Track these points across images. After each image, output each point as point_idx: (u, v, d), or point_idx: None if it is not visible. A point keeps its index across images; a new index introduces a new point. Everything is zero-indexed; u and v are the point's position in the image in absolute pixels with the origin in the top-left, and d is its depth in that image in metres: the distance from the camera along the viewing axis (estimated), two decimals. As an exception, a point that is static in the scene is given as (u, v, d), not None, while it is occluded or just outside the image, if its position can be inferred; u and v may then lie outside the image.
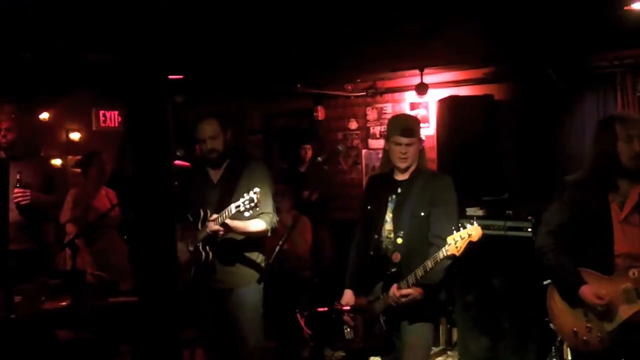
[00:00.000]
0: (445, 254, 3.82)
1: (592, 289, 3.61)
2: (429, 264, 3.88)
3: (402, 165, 4.18)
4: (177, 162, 5.11)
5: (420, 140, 4.25)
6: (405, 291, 3.97)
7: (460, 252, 3.79)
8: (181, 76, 7.29)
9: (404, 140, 4.14)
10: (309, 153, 8.56)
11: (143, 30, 3.98)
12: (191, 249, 4.76)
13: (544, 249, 3.83)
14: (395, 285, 4.00)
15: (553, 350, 5.64)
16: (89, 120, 9.21)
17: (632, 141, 3.60)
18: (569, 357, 5.36)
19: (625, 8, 5.07)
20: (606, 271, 3.64)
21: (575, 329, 3.72)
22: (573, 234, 3.75)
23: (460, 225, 3.83)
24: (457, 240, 3.78)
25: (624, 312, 3.58)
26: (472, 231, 3.79)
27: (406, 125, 4.18)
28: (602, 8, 5.11)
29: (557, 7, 5.07)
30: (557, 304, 3.86)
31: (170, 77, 7.33)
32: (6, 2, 4.30)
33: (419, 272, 3.92)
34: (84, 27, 5.05)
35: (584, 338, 3.68)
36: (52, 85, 7.59)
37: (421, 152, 4.25)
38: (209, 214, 4.65)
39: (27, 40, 5.37)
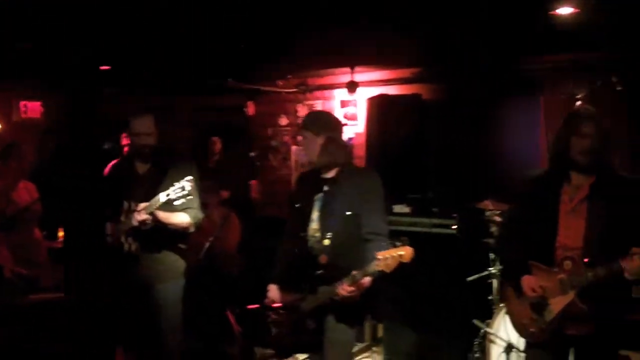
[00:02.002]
0: (374, 269, 3.81)
1: (529, 280, 3.69)
2: (358, 276, 3.88)
3: (302, 160, 4.24)
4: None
5: (319, 135, 4.19)
6: (349, 289, 3.97)
7: (390, 270, 3.79)
8: (109, 67, 7.18)
9: (299, 133, 4.22)
10: (218, 146, 8.46)
11: (71, 20, 3.92)
12: (112, 241, 4.69)
13: (500, 240, 3.96)
14: (345, 285, 4.00)
15: (475, 345, 5.76)
16: (10, 110, 8.95)
17: (585, 138, 3.65)
18: (492, 352, 5.48)
19: (550, 13, 5.21)
20: (548, 261, 3.71)
21: (523, 321, 3.79)
22: (525, 225, 3.82)
23: (390, 243, 3.86)
24: (387, 258, 3.76)
25: (557, 304, 3.64)
26: (403, 251, 3.79)
27: (303, 121, 4.32)
28: (528, 12, 5.23)
29: (484, 11, 5.18)
30: (508, 296, 3.93)
31: (100, 67, 7.23)
32: None
33: (346, 282, 3.92)
34: (7, 16, 4.93)
35: (531, 330, 3.76)
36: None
37: (330, 149, 4.21)
38: (133, 206, 4.60)
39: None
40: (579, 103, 5.83)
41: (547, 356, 3.78)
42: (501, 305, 5.35)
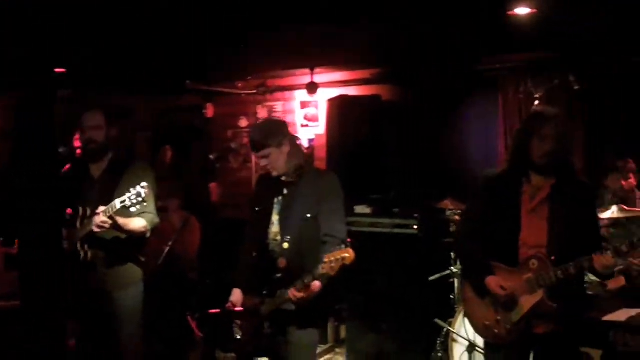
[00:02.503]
0: (320, 272, 3.79)
1: (496, 280, 3.70)
2: (307, 279, 3.86)
3: (273, 174, 4.17)
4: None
5: (282, 144, 4.12)
6: (299, 294, 3.96)
7: (335, 273, 3.77)
8: (64, 69, 7.07)
9: (257, 154, 4.13)
10: (169, 155, 8.39)
11: (24, 21, 3.84)
12: (69, 247, 4.60)
13: (458, 239, 3.95)
14: (294, 290, 3.97)
15: (438, 344, 5.78)
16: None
17: (545, 140, 3.68)
18: (454, 351, 5.50)
19: (509, 13, 5.25)
20: (512, 261, 3.73)
21: (486, 322, 3.79)
22: (486, 225, 3.83)
23: (338, 246, 3.84)
24: (332, 261, 3.75)
25: (526, 302, 3.66)
26: (346, 254, 3.76)
27: (255, 140, 4.15)
28: (487, 13, 5.27)
29: (443, 12, 5.20)
30: (469, 297, 3.92)
31: (55, 70, 7.11)
32: None
33: (299, 284, 3.90)
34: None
35: (495, 330, 3.75)
36: None
37: (295, 152, 4.19)
38: (88, 212, 4.51)
39: None
40: (537, 103, 5.89)
41: (510, 357, 3.80)
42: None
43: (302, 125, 8.27)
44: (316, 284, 3.91)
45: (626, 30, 5.61)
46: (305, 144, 8.22)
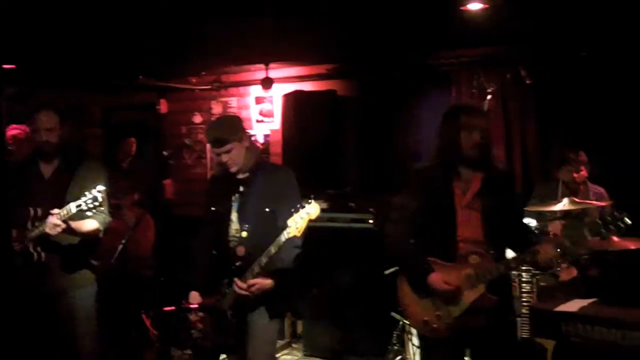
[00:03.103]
0: (287, 237, 3.85)
1: (440, 276, 3.72)
2: (272, 249, 3.91)
3: (232, 170, 4.17)
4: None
5: (242, 140, 4.19)
6: (252, 281, 3.99)
7: (301, 233, 3.84)
8: (13, 66, 6.93)
9: (218, 150, 4.14)
10: (133, 147, 8.30)
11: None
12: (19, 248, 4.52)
13: (392, 238, 3.92)
14: (237, 280, 4.01)
15: (394, 337, 5.81)
16: None
17: (474, 132, 3.74)
18: (410, 344, 5.53)
19: (462, 8, 5.30)
20: (449, 256, 3.77)
21: (425, 318, 3.82)
22: (420, 222, 3.85)
23: (299, 205, 3.87)
24: (297, 221, 3.81)
25: (468, 297, 3.71)
26: (311, 209, 3.83)
27: (215, 136, 4.18)
28: (440, 8, 5.31)
29: (396, 7, 5.22)
30: (406, 294, 3.94)
31: (3, 66, 6.96)
32: None
33: (263, 259, 3.95)
34: None
35: (434, 326, 3.79)
36: None
37: (252, 148, 4.26)
38: (39, 212, 4.44)
39: None
40: (489, 97, 5.95)
41: (446, 351, 3.84)
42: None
43: (258, 121, 8.24)
44: (267, 283, 3.99)
45: (574, 25, 5.70)
46: (260, 139, 8.21)
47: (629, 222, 3.58)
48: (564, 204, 5.05)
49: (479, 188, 3.79)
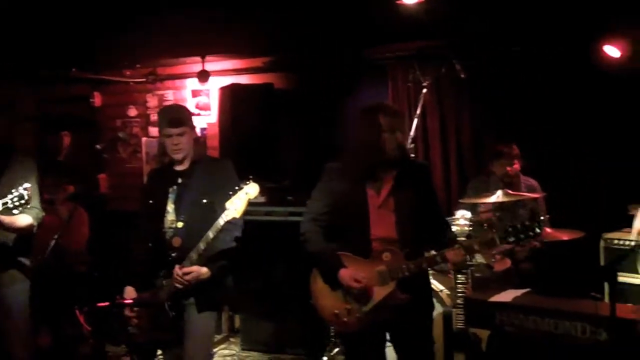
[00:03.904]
0: (225, 219, 3.85)
1: (350, 272, 3.75)
2: (210, 234, 3.91)
3: (177, 156, 4.17)
4: None
5: (193, 129, 4.27)
6: (187, 269, 3.96)
7: (240, 214, 3.85)
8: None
9: (174, 130, 4.13)
10: (67, 140, 8.14)
11: None
12: None
13: (307, 234, 3.93)
14: (177, 266, 3.97)
15: (332, 330, 5.83)
16: None
17: (395, 132, 3.78)
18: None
19: (397, 2, 5.34)
20: (364, 255, 3.81)
21: (336, 311, 3.85)
22: (334, 219, 3.89)
23: (237, 187, 3.85)
24: (235, 203, 3.82)
25: (379, 293, 3.76)
26: (250, 189, 3.84)
27: (174, 116, 4.18)
28: (376, 2, 5.34)
29: (333, 0, 5.24)
30: (319, 287, 3.96)
31: None
32: None
33: (201, 245, 3.94)
34: None
35: (344, 319, 3.83)
36: None
37: (197, 140, 4.32)
38: None
39: None
40: (424, 91, 6.01)
41: (365, 342, 3.89)
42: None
43: (194, 114, 8.15)
44: (203, 271, 3.99)
45: (508, 20, 5.80)
46: (197, 133, 8.12)
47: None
48: (497, 196, 5.14)
49: (392, 186, 3.84)
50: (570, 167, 6.13)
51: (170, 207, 4.19)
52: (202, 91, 8.11)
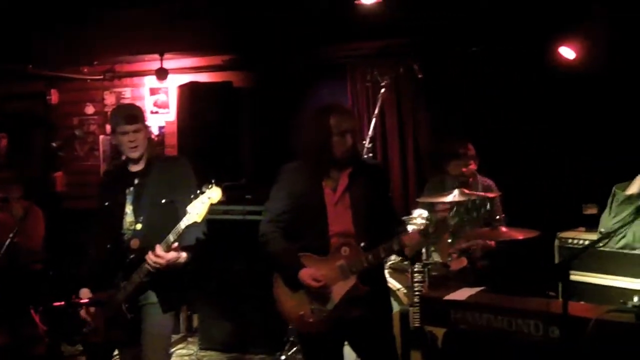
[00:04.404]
0: (187, 223, 3.82)
1: (309, 272, 3.77)
2: (171, 237, 3.87)
3: (135, 154, 4.13)
4: None
5: (147, 127, 4.25)
6: (164, 253, 3.91)
7: (202, 218, 3.82)
8: None
9: (130, 127, 4.10)
10: (4, 142, 8.03)
11: None
12: None
13: (266, 236, 3.93)
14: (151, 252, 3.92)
15: (290, 328, 5.84)
16: None
17: (345, 136, 3.81)
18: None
19: (356, 2, 5.37)
20: (323, 252, 3.83)
21: (301, 313, 3.86)
22: (292, 219, 3.91)
23: (199, 191, 3.83)
24: (197, 207, 3.79)
25: (341, 288, 3.79)
26: (212, 193, 3.81)
27: (129, 113, 4.17)
28: (335, 1, 5.36)
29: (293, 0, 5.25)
30: (282, 290, 3.96)
31: None
32: None
33: (163, 247, 3.90)
34: None
35: (309, 320, 3.84)
36: None
37: (150, 139, 4.30)
38: None
39: None
40: (382, 91, 6.04)
41: (325, 343, 3.91)
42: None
43: (152, 112, 8.11)
44: (182, 255, 3.96)
45: (465, 21, 5.86)
46: (155, 131, 8.08)
47: (489, 208, 3.73)
48: (454, 196, 5.19)
49: (348, 184, 3.87)
50: (526, 167, 6.22)
51: (128, 208, 4.16)
52: (161, 89, 8.06)
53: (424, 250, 4.85)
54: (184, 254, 4.00)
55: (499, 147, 6.24)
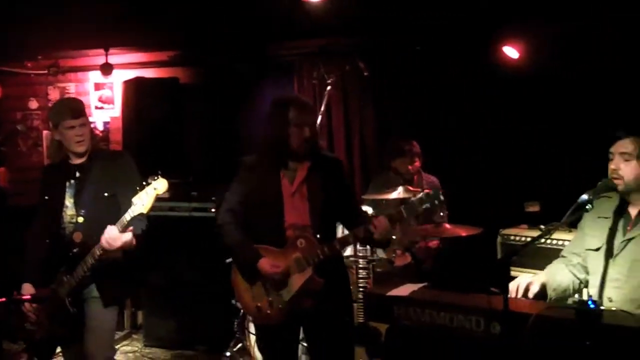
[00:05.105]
0: (132, 215, 3.82)
1: (268, 261, 3.80)
2: (127, 217, 3.86)
3: (81, 148, 4.11)
4: None
5: (89, 121, 4.24)
6: (114, 234, 3.90)
7: (147, 210, 3.82)
8: None
9: (77, 121, 4.09)
10: None
11: None
12: None
13: (223, 226, 3.94)
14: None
15: (236, 324, 5.84)
16: None
17: (303, 128, 3.84)
18: (251, 330, 5.58)
19: (302, 0, 5.39)
20: (279, 243, 3.86)
21: (258, 304, 3.89)
22: (249, 211, 3.93)
23: (144, 183, 3.82)
24: (143, 198, 3.78)
25: (298, 280, 3.82)
26: (158, 184, 3.81)
27: (74, 107, 4.17)
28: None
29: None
30: (240, 283, 3.99)
31: None
32: None
33: (118, 227, 3.88)
34: None
35: (267, 312, 3.87)
36: None
37: (93, 133, 4.29)
38: None
39: None
40: (329, 88, 6.07)
41: (281, 335, 3.94)
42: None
43: (97, 107, 8.03)
44: (133, 240, 3.97)
45: (411, 19, 5.93)
46: (100, 126, 8.00)
47: (442, 199, 3.80)
48: (398, 192, 5.25)
49: (306, 176, 3.91)
50: (470, 164, 6.32)
51: (69, 201, 4.14)
52: (106, 84, 7.99)
53: (368, 247, 4.89)
54: (134, 241, 3.98)
55: (443, 145, 6.32)
